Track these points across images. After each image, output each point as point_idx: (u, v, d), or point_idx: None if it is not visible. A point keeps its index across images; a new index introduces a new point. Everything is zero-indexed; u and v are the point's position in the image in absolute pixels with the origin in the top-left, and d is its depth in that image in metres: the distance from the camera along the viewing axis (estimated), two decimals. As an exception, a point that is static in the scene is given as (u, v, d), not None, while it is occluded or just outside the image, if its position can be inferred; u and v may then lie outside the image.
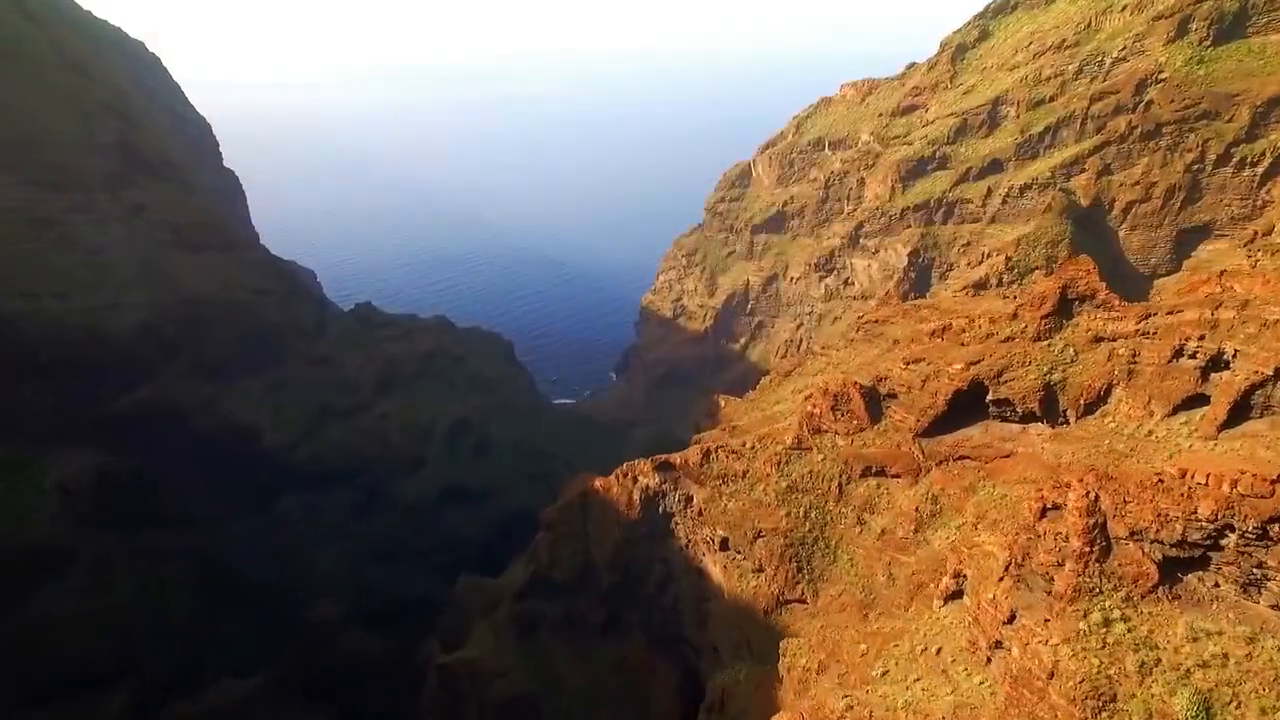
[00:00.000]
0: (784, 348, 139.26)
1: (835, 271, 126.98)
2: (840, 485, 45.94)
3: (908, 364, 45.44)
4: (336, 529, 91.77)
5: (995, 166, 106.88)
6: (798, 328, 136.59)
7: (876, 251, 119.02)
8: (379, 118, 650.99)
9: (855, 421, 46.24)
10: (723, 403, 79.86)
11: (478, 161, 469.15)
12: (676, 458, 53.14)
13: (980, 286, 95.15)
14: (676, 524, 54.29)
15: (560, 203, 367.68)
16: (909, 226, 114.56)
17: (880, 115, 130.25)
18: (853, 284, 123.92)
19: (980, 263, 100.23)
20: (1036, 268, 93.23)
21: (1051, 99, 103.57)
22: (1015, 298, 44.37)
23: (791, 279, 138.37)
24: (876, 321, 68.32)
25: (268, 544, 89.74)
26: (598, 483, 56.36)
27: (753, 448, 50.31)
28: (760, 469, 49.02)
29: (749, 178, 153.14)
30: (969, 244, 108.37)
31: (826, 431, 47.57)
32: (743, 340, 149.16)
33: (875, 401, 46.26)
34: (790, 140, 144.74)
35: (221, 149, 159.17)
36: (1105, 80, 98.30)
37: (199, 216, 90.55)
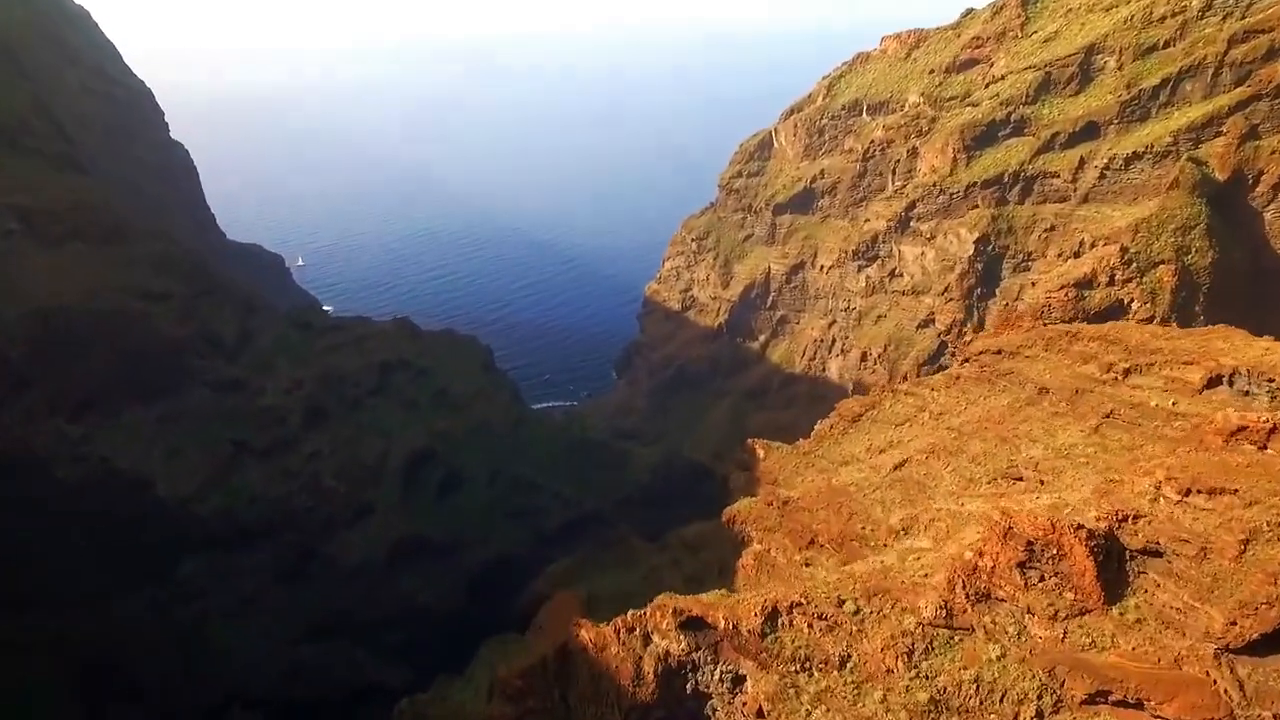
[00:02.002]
0: (812, 348, 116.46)
1: (879, 260, 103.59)
2: (1041, 717, 23.66)
3: (1184, 494, 22.85)
4: (256, 601, 69.68)
5: (1090, 131, 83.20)
6: (829, 325, 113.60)
7: (932, 237, 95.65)
8: (372, 93, 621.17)
9: (1074, 595, 23.70)
10: (760, 452, 57.14)
11: (472, 140, 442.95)
12: (718, 613, 30.67)
13: (1085, 285, 72.13)
14: (715, 712, 32.13)
15: (560, 182, 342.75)
16: (975, 206, 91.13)
17: (932, 72, 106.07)
18: (901, 275, 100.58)
19: (1079, 253, 77.14)
20: (1162, 261, 70.22)
21: (1168, 44, 79.69)
22: None
23: (822, 268, 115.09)
24: (999, 352, 45.50)
25: (166, 623, 67.78)
26: (586, 634, 34.01)
27: (857, 613, 27.82)
28: (874, 657, 26.59)
29: (770, 149, 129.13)
30: (1053, 229, 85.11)
31: (1005, 601, 25.21)
32: (762, 338, 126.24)
33: (1115, 561, 23.76)
34: (820, 104, 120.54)
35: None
36: (1245, 16, 74.55)
37: (67, 199, 67.29)
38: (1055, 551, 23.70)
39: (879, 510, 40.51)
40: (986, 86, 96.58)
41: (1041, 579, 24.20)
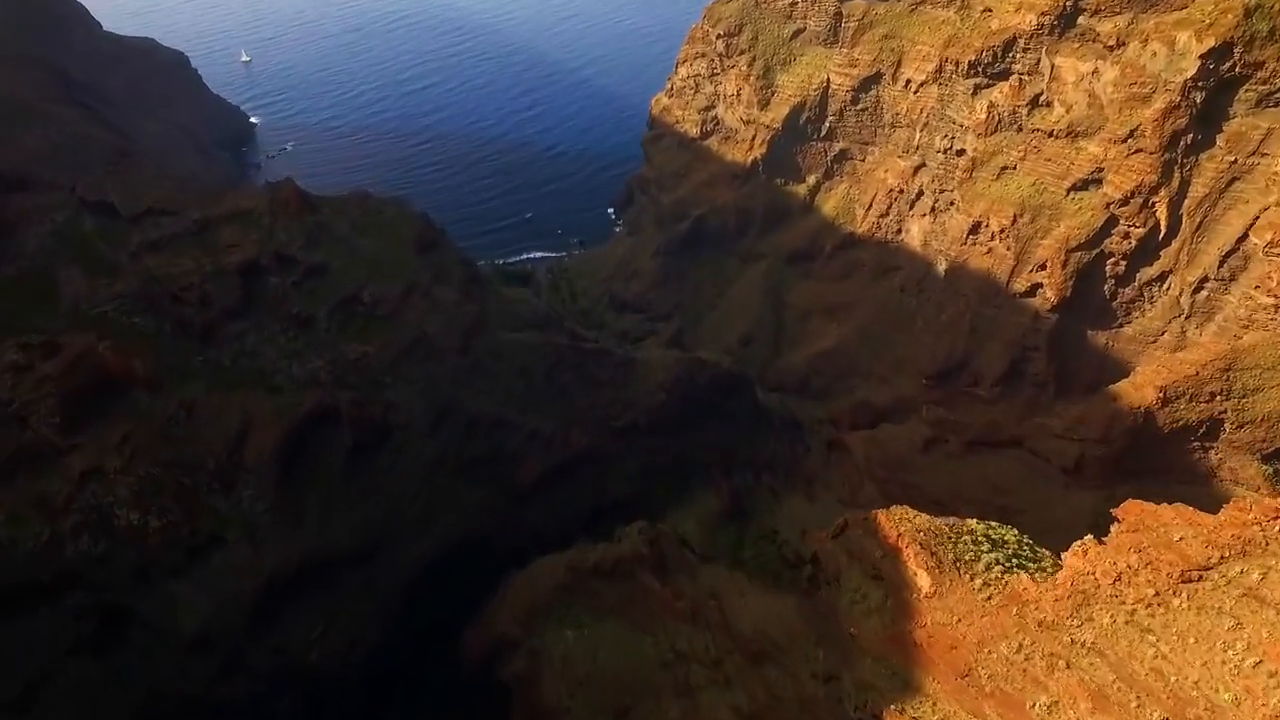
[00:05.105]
0: (885, 199, 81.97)
1: (1013, 79, 66.33)
2: None
3: None
4: (51, 683, 42.68)
5: None
6: (915, 170, 78.21)
7: (1118, 45, 58.35)
8: None
9: None
10: (921, 574, 26.36)
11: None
12: None
13: None
14: None
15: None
16: (1210, -7, 53.55)
17: None
18: (1050, 105, 63.94)
19: None
20: None
21: None
22: None
23: (909, 83, 77.62)
24: None
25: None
26: None
27: None
28: None
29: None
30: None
31: None
32: (812, 179, 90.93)
33: None
34: None
35: None
36: None
37: None
38: None
39: None
40: None
41: None
